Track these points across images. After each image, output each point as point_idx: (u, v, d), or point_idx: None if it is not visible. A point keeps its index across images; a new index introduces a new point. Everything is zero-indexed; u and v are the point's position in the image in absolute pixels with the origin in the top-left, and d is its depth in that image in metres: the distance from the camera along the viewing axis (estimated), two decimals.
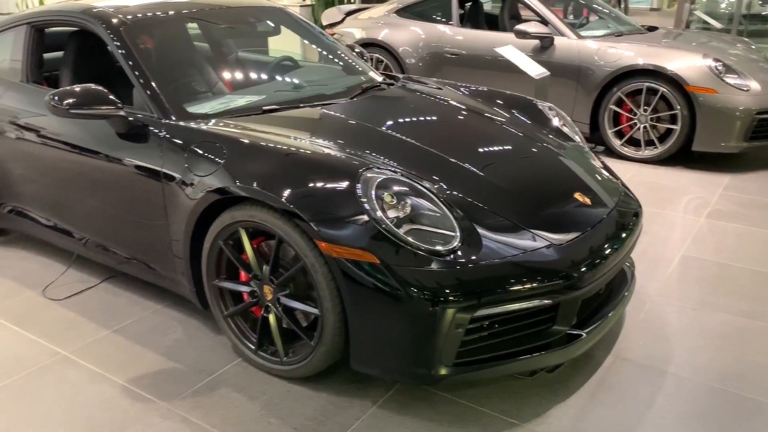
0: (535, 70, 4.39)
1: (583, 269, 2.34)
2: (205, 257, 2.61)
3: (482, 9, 6.56)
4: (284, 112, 2.95)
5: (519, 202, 2.53)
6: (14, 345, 2.78)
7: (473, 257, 2.21)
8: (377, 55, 6.50)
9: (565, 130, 3.33)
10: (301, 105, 3.03)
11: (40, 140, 3.17)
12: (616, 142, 5.33)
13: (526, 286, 2.22)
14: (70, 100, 2.70)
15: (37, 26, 3.45)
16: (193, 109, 2.88)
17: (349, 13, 7.17)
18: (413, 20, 6.50)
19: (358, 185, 2.26)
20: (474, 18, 6.45)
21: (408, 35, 6.39)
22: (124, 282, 3.29)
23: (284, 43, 4.32)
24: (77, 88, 2.74)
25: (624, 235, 2.62)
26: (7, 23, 3.60)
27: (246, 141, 2.55)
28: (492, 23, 6.63)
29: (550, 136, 3.17)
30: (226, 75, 3.50)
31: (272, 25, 3.91)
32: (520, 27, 5.50)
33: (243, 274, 2.58)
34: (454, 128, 3.10)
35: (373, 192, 2.25)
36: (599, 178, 2.92)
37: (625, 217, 2.73)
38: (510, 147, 2.97)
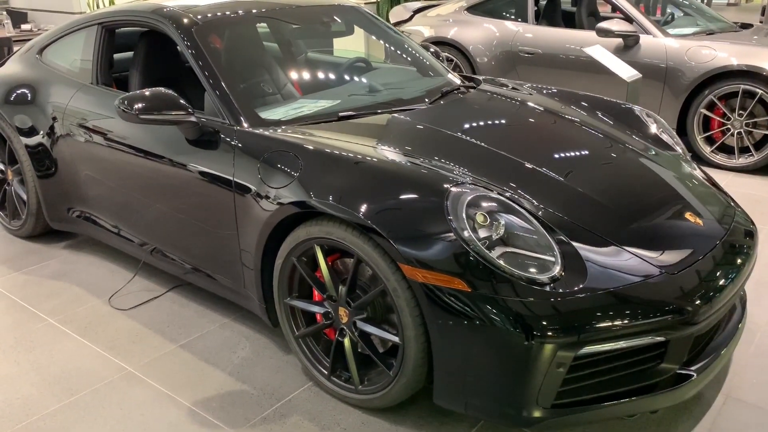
0: (626, 72, 4.08)
1: (698, 302, 2.07)
2: (277, 274, 2.44)
3: (559, 5, 6.24)
4: (361, 118, 2.76)
5: (624, 222, 2.27)
6: (80, 358, 2.69)
7: (576, 287, 1.97)
8: (447, 54, 6.26)
9: (665, 138, 3.03)
10: (379, 111, 2.83)
11: (108, 144, 3.08)
12: (706, 149, 4.95)
13: (636, 322, 1.96)
14: (140, 105, 2.58)
15: (107, 26, 3.37)
16: (265, 114, 2.72)
17: (417, 11, 6.95)
18: (485, 17, 6.23)
19: (447, 202, 2.05)
20: (550, 15, 6.13)
21: (479, 33, 6.13)
22: (190, 292, 3.17)
23: (355, 43, 4.15)
24: (147, 92, 2.62)
25: (740, 260, 2.32)
26: (79, 23, 3.54)
27: (323, 151, 2.38)
28: (568, 20, 6.30)
29: (652, 147, 2.88)
30: (299, 78, 3.34)
31: (344, 24, 3.73)
32: (603, 25, 5.17)
33: (317, 293, 2.41)
34: (548, 139, 2.83)
35: (463, 210, 2.03)
36: (708, 194, 2.62)
37: (740, 239, 2.43)
38: (611, 160, 2.70)
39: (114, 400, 2.43)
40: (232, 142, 2.57)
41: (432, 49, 3.94)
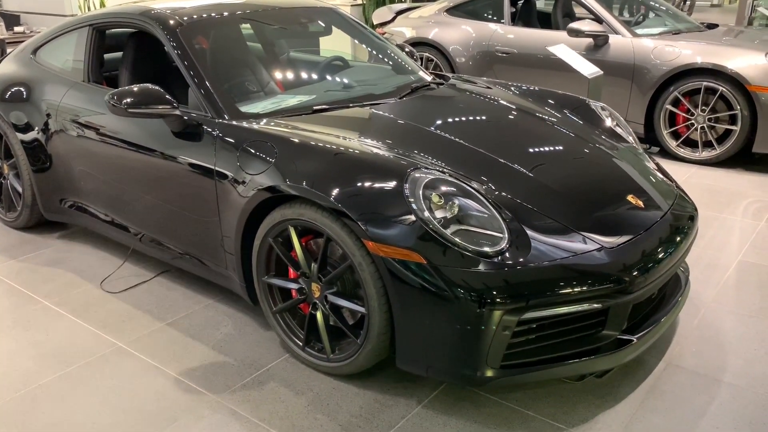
0: (588, 69, 4.31)
1: (634, 273, 2.30)
2: (255, 254, 2.66)
3: (534, 7, 6.48)
4: (334, 111, 2.98)
5: (569, 203, 2.50)
6: (74, 335, 2.89)
7: (521, 259, 2.19)
8: (427, 54, 6.49)
9: (619, 130, 3.26)
10: (351, 105, 3.06)
11: (100, 138, 3.29)
12: (672, 143, 5.19)
13: (575, 290, 2.19)
14: (128, 100, 2.79)
15: (98, 28, 3.57)
16: (245, 108, 2.94)
17: (399, 12, 7.18)
18: (464, 19, 6.47)
19: (406, 185, 2.27)
20: (526, 16, 6.37)
21: (458, 34, 6.36)
22: (177, 277, 3.38)
23: (335, 43, 4.36)
24: (135, 87, 2.83)
25: (678, 238, 2.55)
26: (71, 25, 3.74)
27: (296, 140, 2.59)
28: (544, 21, 6.54)
29: (603, 137, 3.12)
30: (278, 75, 3.56)
31: (323, 25, 3.95)
32: (574, 25, 5.41)
33: (292, 272, 2.62)
34: (504, 128, 3.08)
35: (420, 192, 2.25)
36: (653, 180, 2.86)
37: (680, 220, 2.66)
38: (561, 148, 2.93)
39: (106, 372, 2.63)
40: (214, 134, 2.78)
41: (407, 49, 4.17)
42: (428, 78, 3.61)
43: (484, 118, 3.15)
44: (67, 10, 7.22)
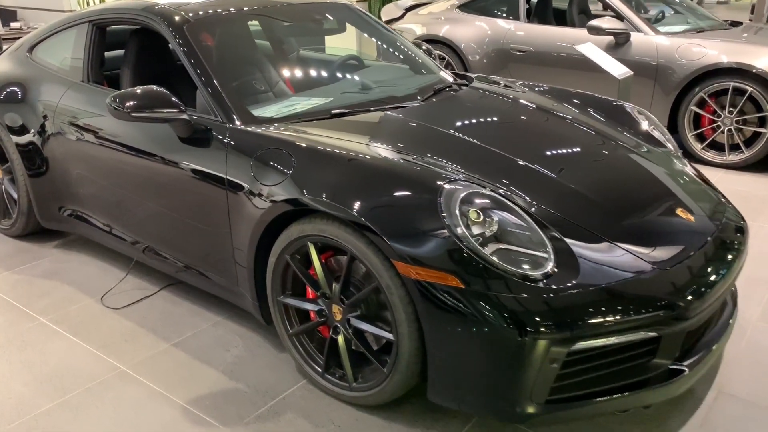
0: (617, 69, 4.10)
1: (689, 297, 2.08)
2: (270, 272, 2.44)
3: (551, 4, 6.25)
4: (354, 116, 2.76)
5: (615, 218, 2.29)
6: (72, 357, 2.67)
7: (569, 283, 1.97)
8: (439, 52, 6.27)
9: (656, 135, 3.05)
10: (372, 108, 2.83)
11: (100, 142, 3.07)
12: (697, 146, 4.98)
13: (629, 317, 1.97)
14: (131, 103, 2.58)
15: (98, 24, 3.35)
16: (258, 112, 2.72)
17: (409, 9, 6.96)
18: (476, 16, 6.25)
19: (440, 199, 2.05)
20: (541, 13, 6.15)
21: (471, 31, 6.14)
22: (183, 290, 3.16)
23: (349, 41, 4.15)
24: (138, 90, 2.61)
25: (731, 256, 2.34)
26: (69, 21, 3.52)
27: (316, 148, 2.37)
28: (559, 18, 6.32)
29: (642, 143, 2.90)
30: (291, 75, 3.34)
31: (336, 21, 3.73)
32: (594, 23, 5.18)
33: (310, 291, 2.41)
34: (540, 136, 2.83)
35: (456, 207, 2.04)
36: (699, 191, 2.64)
37: (732, 235, 2.45)
38: (601, 157, 2.71)
39: (107, 399, 2.42)
40: (225, 140, 2.56)
41: (424, 47, 3.95)
42: (450, 78, 3.39)
43: (518, 124, 2.92)
44: (66, 5, 6.99)
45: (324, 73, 3.43)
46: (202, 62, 2.77)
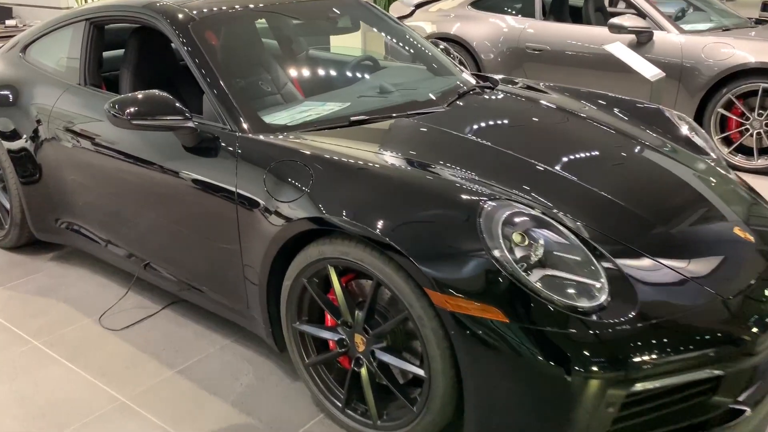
0: (649, 70, 3.87)
1: (755, 330, 1.86)
2: (285, 296, 2.22)
3: (567, 0, 6.02)
4: (375, 123, 2.53)
5: (667, 238, 2.07)
6: (69, 386, 2.45)
7: (626, 316, 1.75)
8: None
9: (699, 142, 2.82)
10: (393, 115, 2.60)
11: (98, 149, 2.84)
12: (724, 150, 4.75)
13: (692, 354, 1.75)
14: (132, 110, 2.35)
15: (96, 23, 3.12)
16: (270, 119, 2.49)
17: (417, 6, 6.72)
18: (489, 13, 6.02)
19: (480, 220, 1.83)
20: (557, 10, 5.91)
21: (484, 29, 5.91)
22: (187, 309, 2.94)
23: (354, 40, 3.93)
24: (140, 95, 2.39)
25: None
26: (65, 19, 3.29)
27: (336, 161, 2.15)
28: (574, 16, 6.09)
29: (689, 153, 2.67)
30: (302, 77, 3.11)
31: (349, 19, 3.50)
32: (616, 21, 4.95)
33: (329, 318, 2.19)
34: (580, 147, 2.58)
35: (498, 229, 1.81)
36: (753, 207, 2.42)
37: None
38: (650, 169, 2.47)
39: None
40: (235, 150, 2.34)
41: (441, 46, 3.72)
42: (472, 80, 3.16)
43: (556, 133, 2.68)
44: (63, 2, 6.75)
45: (338, 75, 3.20)
46: (208, 64, 2.55)
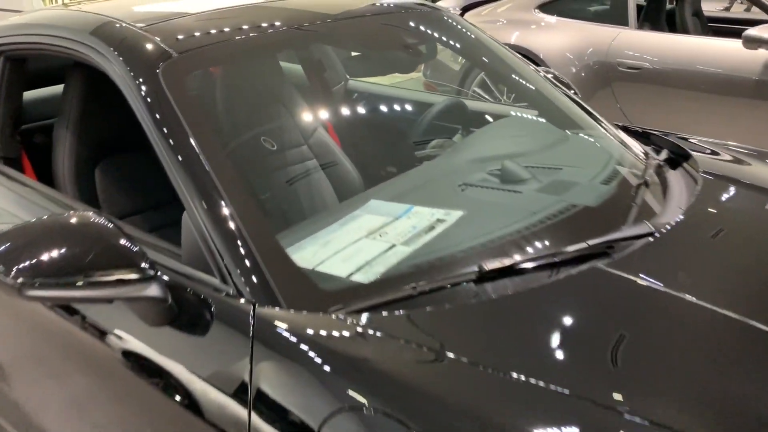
0: None
1: None
2: None
3: (664, 5, 4.78)
4: (529, 274, 1.24)
5: None
6: None
7: None
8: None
9: None
10: (565, 255, 1.29)
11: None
12: None
13: None
14: (27, 264, 1.10)
15: (13, 56, 1.86)
16: (325, 281, 1.23)
17: (465, 9, 5.45)
18: (564, 19, 4.77)
19: None
20: (654, 17, 4.67)
21: (557, 39, 4.65)
22: None
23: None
24: (47, 229, 1.14)
25: None
26: None
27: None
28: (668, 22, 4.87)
29: None
30: (359, 152, 1.84)
31: (423, 43, 2.22)
32: (753, 32, 3.69)
33: None
34: None
35: None
36: None
37: None
38: None
39: None
40: (248, 332, 1.09)
41: (549, 75, 2.42)
42: (639, 151, 1.85)
43: None
44: (26, 4, 5.50)
45: (409, 141, 1.92)
46: (190, 145, 1.30)
